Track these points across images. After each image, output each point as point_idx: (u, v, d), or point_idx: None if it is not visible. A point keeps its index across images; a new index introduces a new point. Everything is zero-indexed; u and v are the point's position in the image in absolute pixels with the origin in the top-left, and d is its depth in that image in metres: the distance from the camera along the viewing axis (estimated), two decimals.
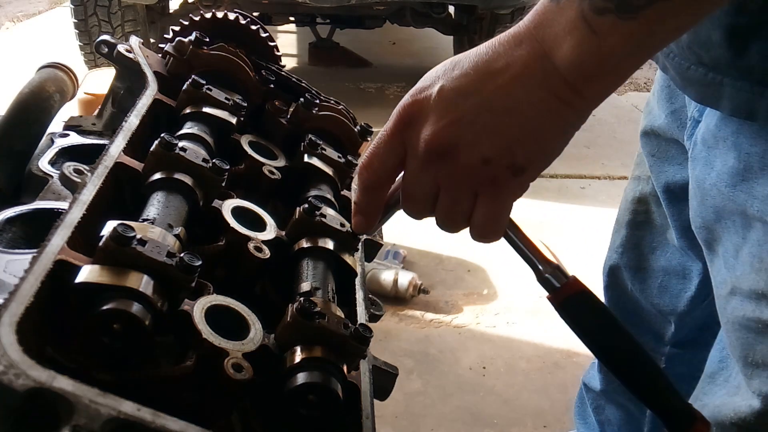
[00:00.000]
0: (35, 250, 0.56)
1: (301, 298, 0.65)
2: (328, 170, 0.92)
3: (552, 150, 0.66)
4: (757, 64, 0.73)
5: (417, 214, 0.73)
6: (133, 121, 0.80)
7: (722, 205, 0.83)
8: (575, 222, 3.18)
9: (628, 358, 0.71)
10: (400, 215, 0.76)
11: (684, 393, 1.04)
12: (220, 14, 1.05)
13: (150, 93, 0.87)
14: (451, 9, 4.48)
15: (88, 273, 0.56)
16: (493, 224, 0.70)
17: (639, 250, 1.27)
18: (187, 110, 0.88)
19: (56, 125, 1.00)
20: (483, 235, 0.71)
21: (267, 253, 0.74)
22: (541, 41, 0.62)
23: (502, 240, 0.71)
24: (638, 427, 1.44)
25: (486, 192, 0.68)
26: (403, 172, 0.71)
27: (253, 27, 1.07)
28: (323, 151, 0.93)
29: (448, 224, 0.72)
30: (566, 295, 0.69)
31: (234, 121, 0.90)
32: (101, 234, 0.58)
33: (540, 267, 0.71)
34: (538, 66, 0.62)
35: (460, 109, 0.66)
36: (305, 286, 0.73)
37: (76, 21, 4.07)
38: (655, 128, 1.09)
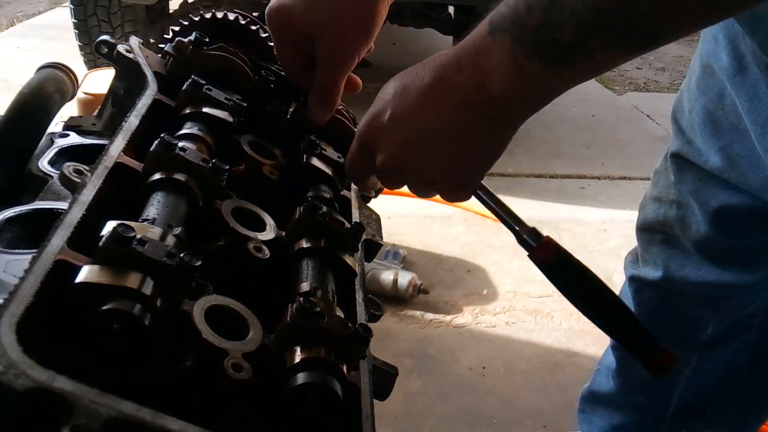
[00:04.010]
0: (35, 250, 0.56)
1: (301, 298, 0.65)
2: (328, 170, 0.92)
3: (491, 160, 0.76)
4: None
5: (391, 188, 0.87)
6: (132, 121, 0.80)
7: None
8: (575, 222, 3.18)
9: (603, 305, 0.78)
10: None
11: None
12: (220, 14, 1.05)
13: (150, 93, 0.87)
14: (451, 9, 4.48)
15: (87, 273, 0.56)
16: (456, 199, 0.82)
17: (668, 268, 1.30)
18: (187, 110, 0.88)
19: (56, 125, 1.00)
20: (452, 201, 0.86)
21: (267, 253, 0.74)
22: (479, 70, 0.69)
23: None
24: (656, 426, 1.43)
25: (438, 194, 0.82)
26: None
27: (253, 27, 1.07)
28: (323, 151, 0.93)
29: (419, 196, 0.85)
30: (544, 253, 0.77)
31: (234, 121, 0.90)
32: (101, 234, 0.58)
33: (517, 228, 0.78)
34: (476, 94, 0.70)
35: (406, 134, 0.75)
36: (305, 286, 0.73)
37: (76, 21, 4.06)
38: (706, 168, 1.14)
